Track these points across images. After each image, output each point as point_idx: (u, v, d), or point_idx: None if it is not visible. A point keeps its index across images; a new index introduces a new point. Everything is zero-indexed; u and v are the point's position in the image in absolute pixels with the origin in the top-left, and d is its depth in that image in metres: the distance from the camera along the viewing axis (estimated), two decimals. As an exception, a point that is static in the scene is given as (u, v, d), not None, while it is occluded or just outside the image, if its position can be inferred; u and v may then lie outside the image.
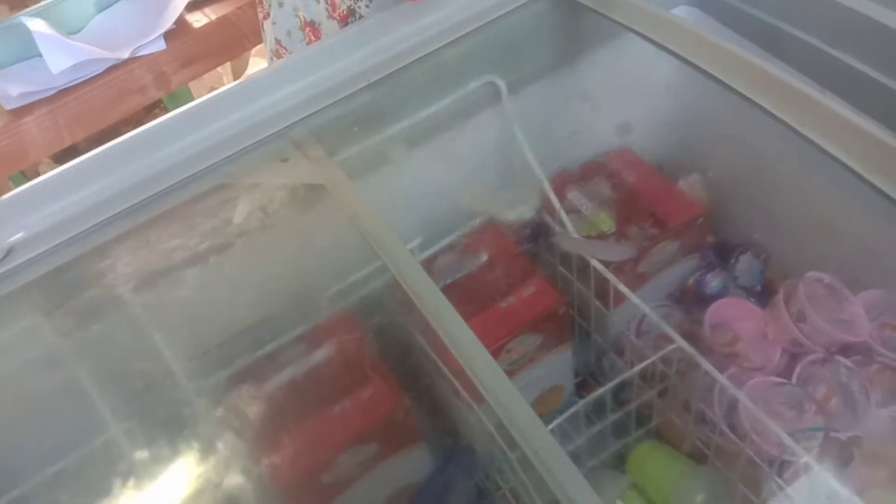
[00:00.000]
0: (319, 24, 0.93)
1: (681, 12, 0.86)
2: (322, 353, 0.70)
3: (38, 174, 0.65)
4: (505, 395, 0.49)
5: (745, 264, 0.91)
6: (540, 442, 0.47)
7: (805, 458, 0.61)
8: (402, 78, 0.70)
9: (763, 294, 0.87)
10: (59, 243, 0.62)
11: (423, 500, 0.78)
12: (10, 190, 0.64)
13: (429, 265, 0.78)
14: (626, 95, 0.87)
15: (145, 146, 0.65)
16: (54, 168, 0.64)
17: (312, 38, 0.95)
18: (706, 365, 0.66)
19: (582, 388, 0.89)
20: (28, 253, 0.62)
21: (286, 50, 1.01)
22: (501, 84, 0.76)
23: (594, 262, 0.74)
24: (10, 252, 0.63)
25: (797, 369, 0.71)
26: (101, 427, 0.66)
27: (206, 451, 0.67)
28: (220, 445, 0.67)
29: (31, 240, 0.63)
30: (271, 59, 1.06)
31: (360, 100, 0.69)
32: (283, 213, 0.63)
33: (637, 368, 0.68)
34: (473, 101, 0.74)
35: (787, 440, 0.61)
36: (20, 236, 0.63)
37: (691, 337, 0.72)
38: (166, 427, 0.67)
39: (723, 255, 0.91)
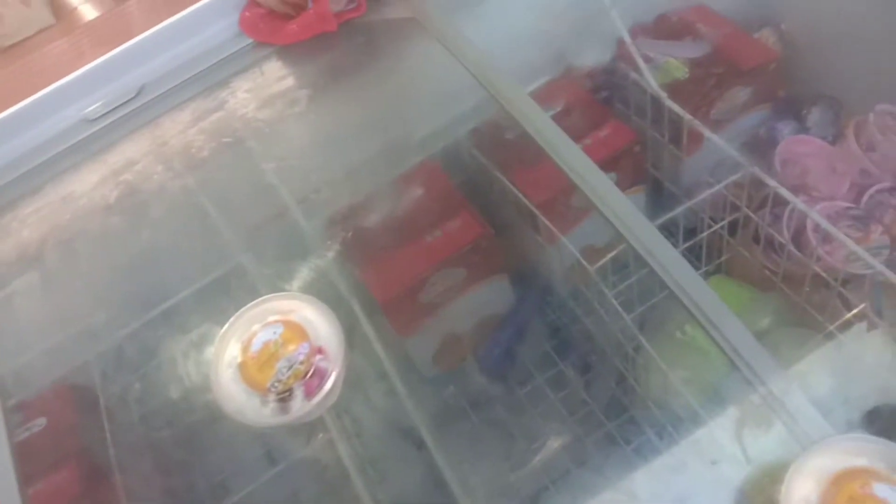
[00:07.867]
0: None
1: None
2: (414, 193, 0.77)
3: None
4: (616, 202, 0.55)
5: (817, 115, 0.92)
6: (652, 242, 0.52)
7: (875, 269, 0.64)
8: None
9: (835, 143, 0.89)
10: (187, 78, 0.70)
11: (507, 331, 0.86)
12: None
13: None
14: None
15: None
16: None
17: None
18: (781, 190, 0.70)
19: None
20: (157, 90, 0.71)
21: None
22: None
23: (669, 102, 0.77)
24: (141, 91, 0.71)
25: (865, 197, 0.74)
26: (227, 256, 0.75)
27: (318, 271, 0.74)
28: (331, 269, 0.74)
29: (161, 79, 0.71)
30: None
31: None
32: (375, 50, 0.68)
33: (709, 192, 0.72)
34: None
35: (854, 247, 0.65)
36: (152, 77, 0.71)
37: (763, 183, 0.75)
38: (286, 256, 0.75)
39: (794, 108, 0.92)
